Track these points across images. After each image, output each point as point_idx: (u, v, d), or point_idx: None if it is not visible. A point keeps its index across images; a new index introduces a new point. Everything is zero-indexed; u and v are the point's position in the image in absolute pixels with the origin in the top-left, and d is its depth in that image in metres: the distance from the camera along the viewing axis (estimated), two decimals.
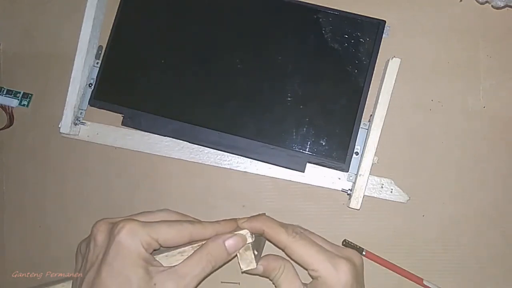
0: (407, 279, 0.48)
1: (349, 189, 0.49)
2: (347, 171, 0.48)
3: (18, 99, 0.57)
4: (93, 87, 0.53)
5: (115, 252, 0.30)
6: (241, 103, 0.50)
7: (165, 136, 0.52)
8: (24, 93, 0.57)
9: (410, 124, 0.51)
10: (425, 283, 0.48)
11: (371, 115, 0.48)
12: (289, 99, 0.49)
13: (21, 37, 0.58)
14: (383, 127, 0.47)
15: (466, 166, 0.50)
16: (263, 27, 0.51)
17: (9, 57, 0.58)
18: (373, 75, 0.48)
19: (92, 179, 0.55)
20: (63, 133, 0.53)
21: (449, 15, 0.52)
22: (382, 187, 0.50)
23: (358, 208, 0.47)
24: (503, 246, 0.49)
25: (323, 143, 0.48)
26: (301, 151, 0.48)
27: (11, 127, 0.57)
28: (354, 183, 0.47)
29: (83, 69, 0.52)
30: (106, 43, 0.53)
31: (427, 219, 0.50)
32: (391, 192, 0.50)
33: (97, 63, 0.54)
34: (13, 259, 0.55)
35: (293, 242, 0.33)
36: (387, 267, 0.49)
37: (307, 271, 0.33)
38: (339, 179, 0.50)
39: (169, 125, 0.51)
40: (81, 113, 0.54)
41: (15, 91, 0.57)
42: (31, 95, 0.57)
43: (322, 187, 0.50)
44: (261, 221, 0.34)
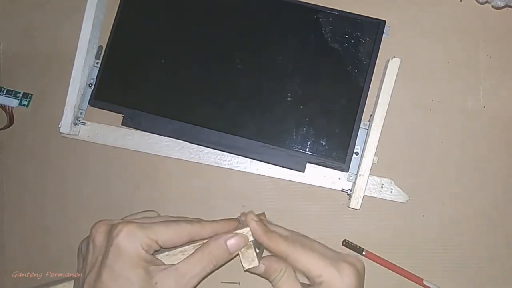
0: (407, 279, 0.48)
1: (349, 189, 0.49)
2: (347, 171, 0.48)
3: (18, 99, 0.57)
4: (93, 87, 0.53)
5: (115, 255, 0.30)
6: (241, 103, 0.50)
7: (165, 136, 0.52)
8: (24, 93, 0.57)
9: (410, 124, 0.51)
10: (425, 283, 0.48)
11: (371, 115, 0.48)
12: (289, 99, 0.49)
13: (21, 37, 0.58)
14: (383, 127, 0.47)
15: (466, 166, 0.50)
16: (263, 27, 0.51)
17: (9, 57, 0.58)
18: (373, 75, 0.48)
19: (92, 179, 0.55)
20: (63, 133, 0.53)
21: (449, 15, 0.52)
22: (382, 187, 0.50)
23: (358, 208, 0.47)
24: (503, 246, 0.49)
25: (323, 143, 0.48)
26: (301, 151, 0.48)
27: (11, 127, 0.57)
28: (354, 183, 0.47)
29: (83, 69, 0.52)
30: (106, 43, 0.53)
31: (427, 219, 0.50)
32: (391, 192, 0.50)
33: (97, 63, 0.54)
34: (13, 259, 0.55)
35: (294, 251, 0.32)
36: (387, 267, 0.49)
37: (310, 278, 0.33)
38: (339, 179, 0.50)
39: (169, 125, 0.51)
40: (81, 113, 0.54)
41: (15, 91, 0.57)
42: (31, 95, 0.57)
43: (322, 187, 0.50)
44: (259, 233, 0.33)
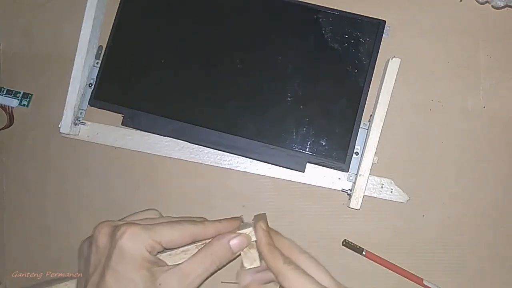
0: (407, 279, 0.48)
1: (349, 189, 0.49)
2: (347, 171, 0.48)
3: (18, 99, 0.57)
4: (93, 87, 0.53)
5: (118, 256, 0.29)
6: (241, 103, 0.50)
7: (165, 136, 0.52)
8: (24, 93, 0.57)
9: (410, 124, 0.51)
10: (425, 283, 0.48)
11: (371, 115, 0.48)
12: (289, 99, 0.49)
13: (21, 37, 0.58)
14: (383, 127, 0.47)
15: (466, 166, 0.50)
16: (263, 27, 0.51)
17: (9, 57, 0.58)
18: (373, 75, 0.48)
19: (92, 179, 0.55)
20: (63, 133, 0.52)
21: (449, 15, 0.52)
22: (382, 187, 0.50)
23: (358, 208, 0.47)
24: (503, 246, 0.49)
25: (323, 143, 0.48)
26: (301, 151, 0.48)
27: (11, 127, 0.57)
28: (354, 183, 0.47)
29: (83, 69, 0.52)
30: (106, 43, 0.53)
31: (427, 219, 0.50)
32: (391, 192, 0.50)
33: (97, 63, 0.54)
34: (13, 259, 0.55)
35: (287, 270, 0.31)
36: (387, 267, 0.49)
37: None
38: (339, 179, 0.50)
39: (169, 125, 0.51)
40: (81, 113, 0.53)
41: (15, 91, 0.57)
42: (31, 95, 0.57)
43: (322, 187, 0.50)
44: (262, 241, 0.33)
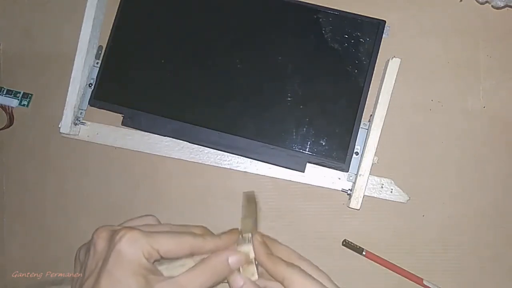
0: (407, 279, 0.48)
1: (349, 189, 0.49)
2: (347, 171, 0.48)
3: (18, 99, 0.57)
4: (93, 87, 0.53)
5: (115, 260, 0.29)
6: (241, 103, 0.50)
7: (165, 136, 0.52)
8: (24, 93, 0.57)
9: (410, 124, 0.51)
10: (425, 283, 0.48)
11: (371, 115, 0.48)
12: (289, 99, 0.49)
13: (21, 37, 0.58)
14: (383, 127, 0.47)
15: (466, 166, 0.50)
16: (263, 27, 0.51)
17: (9, 57, 0.58)
18: (373, 75, 0.48)
19: (92, 179, 0.55)
20: (63, 133, 0.52)
21: (449, 15, 0.52)
22: (382, 187, 0.50)
23: (358, 208, 0.47)
24: (503, 246, 0.49)
25: (323, 143, 0.48)
26: (301, 151, 0.48)
27: (11, 127, 0.57)
28: (354, 183, 0.47)
29: (83, 69, 0.52)
30: (106, 43, 0.53)
31: (427, 219, 0.50)
32: (391, 192, 0.50)
33: (97, 63, 0.54)
34: (13, 259, 0.55)
35: (291, 274, 0.31)
36: (387, 267, 0.49)
37: None
38: (339, 179, 0.50)
39: (169, 125, 0.51)
40: (81, 113, 0.53)
41: (15, 91, 0.57)
42: (31, 95, 0.57)
43: (322, 187, 0.50)
44: (260, 253, 0.33)
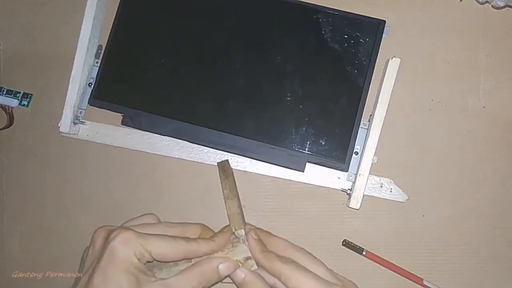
0: (407, 279, 0.48)
1: (349, 189, 0.49)
2: (347, 171, 0.48)
3: (18, 99, 0.57)
4: (92, 86, 0.53)
5: (108, 257, 0.30)
6: (241, 102, 0.50)
7: (165, 135, 0.52)
8: (24, 93, 0.57)
9: (410, 124, 0.51)
10: (425, 283, 0.48)
11: (371, 115, 0.48)
12: (289, 99, 0.49)
13: (21, 37, 0.58)
14: (383, 127, 0.47)
15: (466, 166, 0.50)
16: (263, 27, 0.51)
17: (9, 57, 0.58)
18: (373, 75, 0.49)
19: (92, 179, 0.55)
20: (63, 133, 0.52)
21: (449, 15, 0.52)
22: (381, 187, 0.50)
23: (357, 207, 0.47)
24: (503, 246, 0.49)
25: (323, 143, 0.48)
26: (301, 150, 0.48)
27: (11, 127, 0.57)
28: (353, 182, 0.47)
29: (83, 69, 0.52)
30: (106, 43, 0.53)
31: (427, 219, 0.50)
32: (391, 191, 0.50)
33: (97, 63, 0.54)
34: (13, 259, 0.55)
35: (287, 270, 0.32)
36: (387, 267, 0.49)
37: None
38: (339, 178, 0.50)
39: (169, 125, 0.51)
40: (81, 112, 0.53)
41: (15, 91, 0.57)
42: (31, 95, 0.57)
43: (322, 186, 0.50)
44: (255, 250, 0.33)
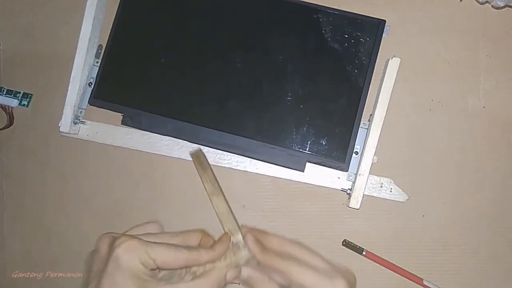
0: (407, 279, 0.48)
1: (349, 189, 0.49)
2: (347, 171, 0.48)
3: (18, 99, 0.57)
4: (93, 86, 0.53)
5: (115, 263, 0.31)
6: (241, 102, 0.50)
7: (165, 135, 0.52)
8: (24, 93, 0.57)
9: (410, 124, 0.51)
10: (425, 283, 0.48)
11: (371, 115, 0.48)
12: (289, 98, 0.49)
13: (21, 37, 0.58)
14: (383, 127, 0.47)
15: (466, 166, 0.50)
16: (263, 27, 0.51)
17: (9, 57, 0.58)
18: (373, 74, 0.49)
19: (92, 178, 0.55)
20: (63, 132, 0.52)
21: (449, 15, 0.52)
22: (381, 187, 0.50)
23: (358, 207, 0.46)
24: (503, 246, 0.49)
25: (323, 143, 0.48)
26: (301, 150, 0.48)
27: (11, 127, 0.57)
28: (353, 182, 0.47)
29: (83, 68, 0.52)
30: (106, 42, 0.53)
31: (427, 219, 0.50)
32: (391, 191, 0.50)
33: (97, 62, 0.54)
34: (13, 259, 0.55)
35: (288, 266, 0.33)
36: (387, 267, 0.49)
37: None
38: (339, 178, 0.50)
39: (169, 124, 0.51)
40: (81, 112, 0.53)
41: (15, 91, 0.57)
42: (31, 95, 0.57)
43: (322, 186, 0.50)
44: (256, 251, 0.34)
